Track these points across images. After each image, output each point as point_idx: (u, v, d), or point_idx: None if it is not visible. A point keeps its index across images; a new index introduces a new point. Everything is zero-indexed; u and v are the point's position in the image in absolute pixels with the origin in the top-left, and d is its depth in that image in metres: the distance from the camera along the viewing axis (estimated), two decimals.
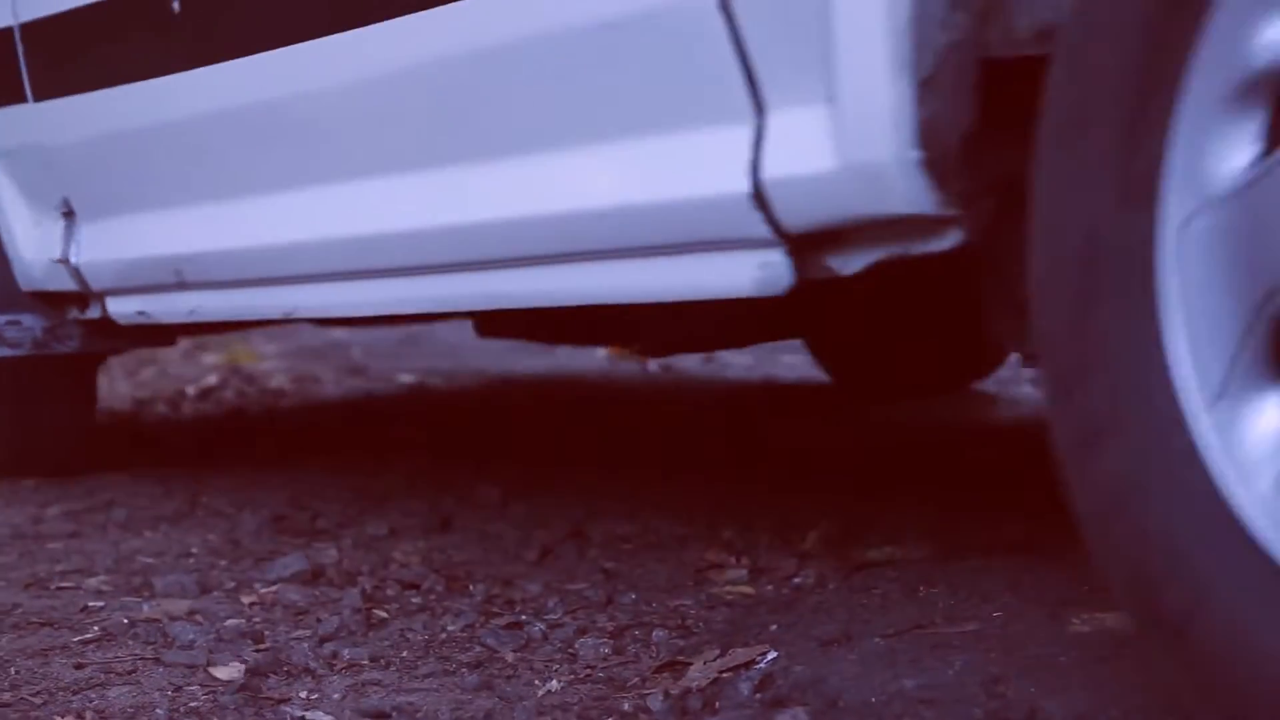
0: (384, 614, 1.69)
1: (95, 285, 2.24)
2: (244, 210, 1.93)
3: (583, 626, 1.61)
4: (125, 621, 1.66)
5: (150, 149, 2.06)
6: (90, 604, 1.74)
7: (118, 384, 4.09)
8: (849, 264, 1.32)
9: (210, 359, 4.60)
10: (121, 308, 2.24)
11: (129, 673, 1.50)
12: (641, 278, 1.46)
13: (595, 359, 4.13)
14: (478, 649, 1.56)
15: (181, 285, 2.09)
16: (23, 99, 2.26)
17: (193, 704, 1.42)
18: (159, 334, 2.48)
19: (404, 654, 1.55)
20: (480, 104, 1.57)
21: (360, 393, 3.81)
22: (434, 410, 3.44)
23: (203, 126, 1.94)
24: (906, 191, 1.20)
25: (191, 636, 1.60)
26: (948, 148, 1.19)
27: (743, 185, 1.30)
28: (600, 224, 1.46)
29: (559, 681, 1.45)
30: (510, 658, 1.53)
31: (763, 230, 1.31)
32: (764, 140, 1.31)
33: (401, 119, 1.67)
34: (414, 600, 1.75)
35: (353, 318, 1.96)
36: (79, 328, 2.42)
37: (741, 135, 1.31)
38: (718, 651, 1.46)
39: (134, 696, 1.44)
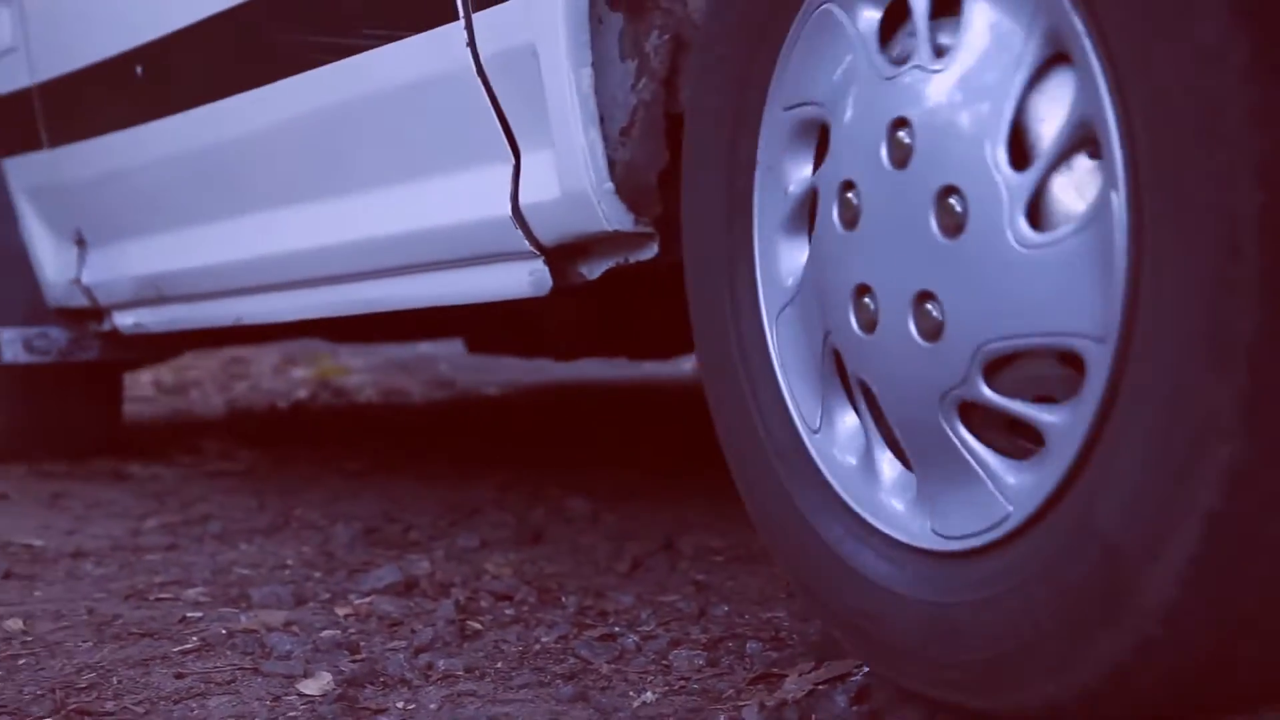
0: (478, 625, 1.70)
1: (103, 301, 2.62)
2: (197, 235, 2.33)
3: (676, 638, 1.61)
4: (223, 632, 1.67)
5: (130, 185, 2.45)
6: (189, 615, 1.76)
7: (211, 398, 4.14)
8: (593, 271, 1.66)
9: (300, 373, 4.65)
10: (123, 320, 2.63)
11: (228, 683, 1.52)
12: (458, 284, 1.83)
13: (682, 370, 4.13)
14: (572, 660, 1.56)
15: (161, 299, 2.48)
16: (40, 145, 2.65)
17: (291, 714, 1.43)
18: (166, 344, 2.89)
19: (498, 665, 1.56)
20: (331, 150, 1.98)
21: (448, 405, 3.83)
22: (521, 422, 3.45)
23: (163, 166, 2.34)
24: (608, 214, 1.56)
25: (289, 647, 1.61)
26: (643, 180, 1.56)
27: (506, 210, 1.66)
28: (422, 243, 1.84)
29: (654, 693, 1.45)
30: (605, 669, 1.53)
31: (525, 245, 1.66)
32: (520, 176, 1.66)
33: (279, 162, 2.09)
34: (507, 612, 1.76)
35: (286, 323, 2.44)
36: (97, 339, 2.80)
37: (505, 172, 1.67)
38: (812, 663, 1.46)
39: (234, 706, 1.45)
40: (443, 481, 2.63)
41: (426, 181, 1.82)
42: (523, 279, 1.70)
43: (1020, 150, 1.13)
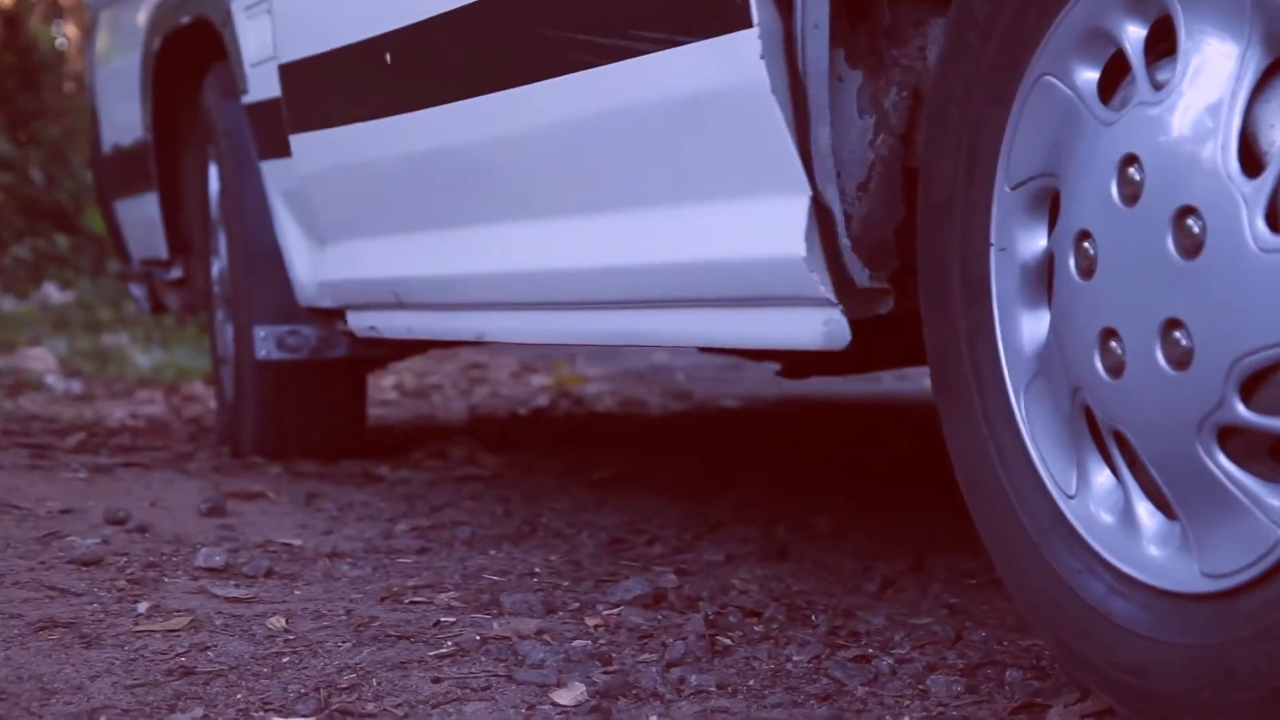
0: (728, 641, 1.69)
1: (337, 302, 2.53)
2: (441, 241, 2.18)
3: (932, 663, 1.58)
4: (477, 638, 1.69)
5: (369, 181, 2.31)
6: (442, 619, 1.78)
7: (452, 403, 4.21)
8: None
9: (538, 380, 4.71)
10: (357, 322, 2.53)
11: (483, 689, 1.54)
12: (729, 326, 1.69)
13: (923, 386, 4.08)
14: (825, 681, 1.54)
15: (399, 305, 2.35)
16: (290, 150, 2.59)
17: None
18: (412, 342, 2.84)
19: (750, 682, 1.55)
20: (596, 163, 1.81)
21: (686, 417, 3.84)
22: (761, 435, 3.44)
23: (406, 164, 2.19)
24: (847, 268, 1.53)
25: (541, 656, 1.62)
26: (879, 236, 1.54)
27: (800, 249, 1.53)
28: (690, 276, 1.70)
29: (911, 718, 1.42)
30: (859, 692, 1.51)
31: (821, 290, 1.55)
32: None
33: (537, 170, 1.93)
34: (756, 629, 1.75)
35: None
36: (346, 338, 2.83)
37: (799, 206, 1.53)
38: (1077, 695, 1.42)
39: (490, 714, 1.47)
40: (684, 493, 2.63)
41: (701, 207, 1.68)
42: (814, 328, 1.57)
43: (1251, 158, 1.16)
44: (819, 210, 1.50)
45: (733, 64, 1.54)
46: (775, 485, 2.70)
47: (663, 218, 1.73)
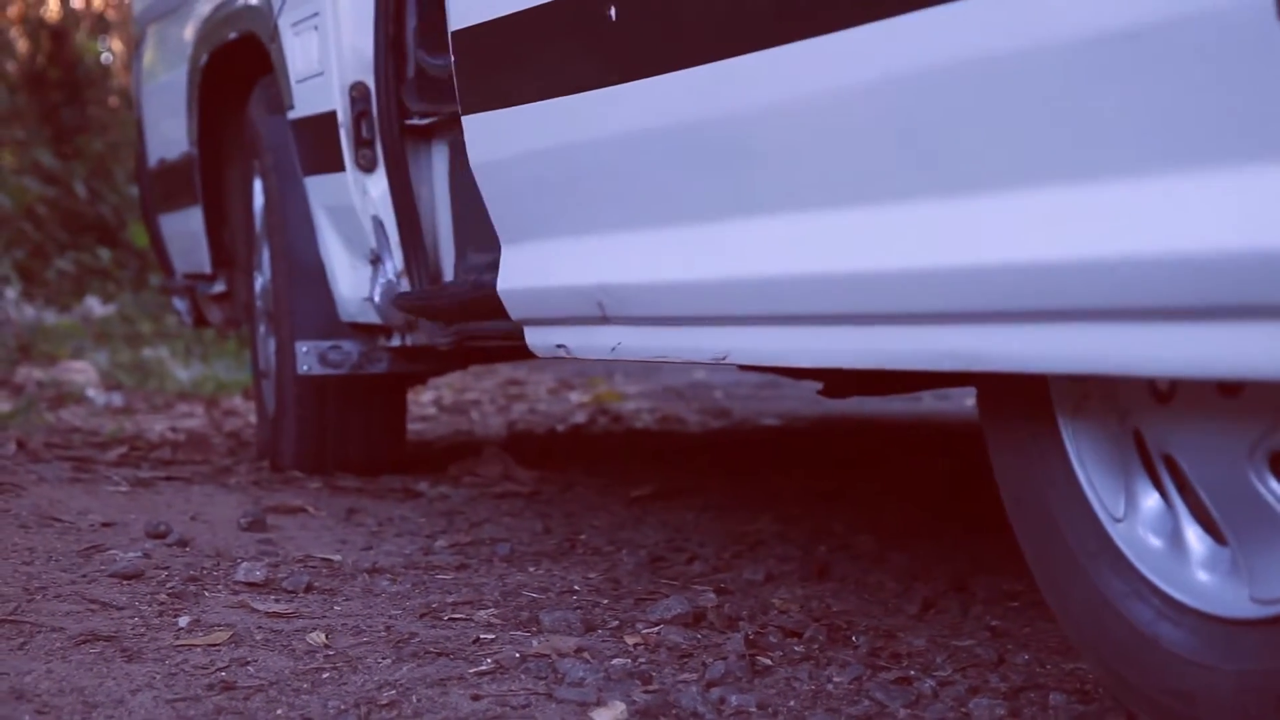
0: (768, 661, 1.68)
1: (515, 315, 2.07)
2: (677, 239, 1.72)
3: (974, 686, 1.57)
4: (516, 656, 1.69)
5: (575, 169, 1.87)
6: (482, 636, 1.78)
7: (490, 419, 4.22)
8: None
9: (576, 397, 4.71)
10: (540, 340, 2.05)
11: (523, 707, 1.53)
12: (1149, 344, 1.16)
13: (963, 406, 4.06)
14: (866, 702, 1.53)
15: (603, 319, 1.87)
16: (342, 166, 2.54)
17: None
18: (452, 360, 2.89)
19: (791, 703, 1.54)
20: (947, 129, 1.32)
21: (725, 435, 3.83)
22: (801, 454, 3.43)
23: (633, 144, 1.74)
24: None
25: (581, 674, 1.62)
26: None
27: None
28: (1112, 278, 1.18)
29: None
30: (901, 714, 1.50)
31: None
32: None
33: (856, 143, 1.44)
34: (796, 649, 1.74)
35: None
36: (386, 353, 2.87)
37: None
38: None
39: None
40: (724, 512, 2.62)
41: (1127, 184, 1.17)
42: None
43: None
44: None
45: None
46: (815, 504, 2.69)
47: (1058, 200, 1.23)
